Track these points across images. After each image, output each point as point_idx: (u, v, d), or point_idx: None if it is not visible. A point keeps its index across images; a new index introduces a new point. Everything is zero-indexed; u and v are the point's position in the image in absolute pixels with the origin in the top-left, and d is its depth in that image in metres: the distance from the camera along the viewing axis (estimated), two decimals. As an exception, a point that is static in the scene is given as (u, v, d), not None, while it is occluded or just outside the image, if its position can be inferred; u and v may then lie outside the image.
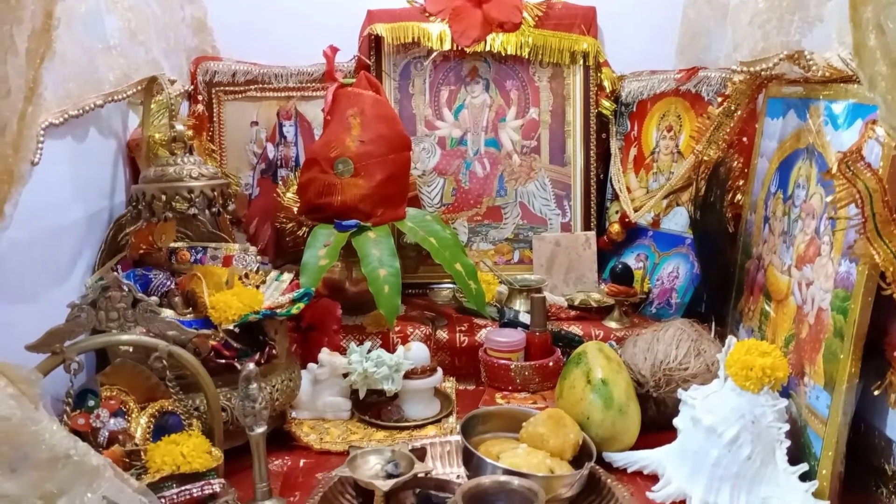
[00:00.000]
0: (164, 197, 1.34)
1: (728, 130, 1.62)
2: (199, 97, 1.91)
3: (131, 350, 1.21)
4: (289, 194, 1.87)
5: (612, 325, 1.70)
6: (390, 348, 1.55)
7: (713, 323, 1.59)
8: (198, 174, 1.36)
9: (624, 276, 1.73)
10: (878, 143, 1.03)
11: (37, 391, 0.91)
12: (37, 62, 0.94)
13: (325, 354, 1.48)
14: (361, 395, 1.46)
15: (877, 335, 1.12)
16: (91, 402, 1.12)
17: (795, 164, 1.36)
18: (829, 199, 1.09)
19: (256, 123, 1.96)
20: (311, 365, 1.48)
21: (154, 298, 1.16)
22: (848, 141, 1.15)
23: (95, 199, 1.54)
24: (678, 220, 1.82)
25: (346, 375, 1.46)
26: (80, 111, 1.34)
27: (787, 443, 1.14)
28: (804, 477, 1.13)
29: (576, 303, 1.79)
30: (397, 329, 1.65)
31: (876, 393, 1.11)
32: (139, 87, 1.54)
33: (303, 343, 1.59)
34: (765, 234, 1.47)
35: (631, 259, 1.87)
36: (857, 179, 1.01)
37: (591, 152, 1.94)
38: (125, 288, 1.12)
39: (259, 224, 1.94)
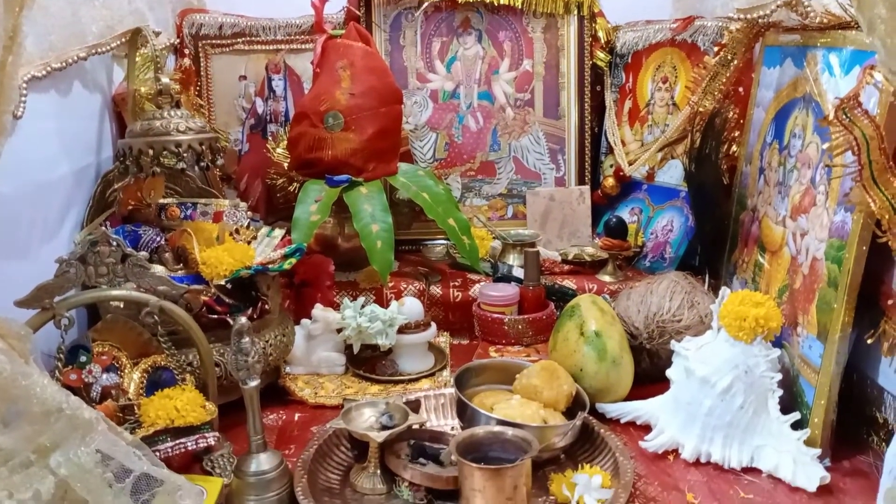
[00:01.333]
0: (151, 151, 1.32)
1: (724, 80, 1.60)
2: (186, 51, 1.87)
3: (122, 306, 1.20)
4: (279, 150, 1.84)
5: (606, 278, 1.70)
6: (384, 304, 1.55)
7: (707, 275, 1.58)
8: (185, 128, 1.34)
9: (618, 230, 1.72)
10: (875, 89, 1.02)
11: (27, 346, 0.90)
12: (16, 10, 0.90)
13: (318, 310, 1.48)
14: (356, 350, 1.47)
15: (871, 284, 1.12)
16: (83, 358, 1.12)
17: (792, 113, 1.34)
18: (825, 146, 1.08)
19: (245, 78, 1.92)
20: (304, 321, 1.48)
21: (143, 253, 1.14)
22: (845, 88, 1.13)
23: (82, 155, 1.51)
24: (673, 174, 1.81)
25: (340, 331, 1.46)
26: (64, 64, 1.30)
27: (780, 392, 1.15)
28: (796, 426, 1.14)
29: (569, 257, 1.79)
30: (391, 285, 1.65)
31: (869, 342, 1.11)
32: (123, 40, 1.50)
33: (296, 299, 1.59)
34: (760, 185, 1.46)
35: (625, 213, 1.86)
36: (853, 126, 1.00)
37: (586, 105, 1.92)
38: (114, 243, 1.11)
39: (249, 180, 1.92)
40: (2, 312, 0.89)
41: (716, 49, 1.62)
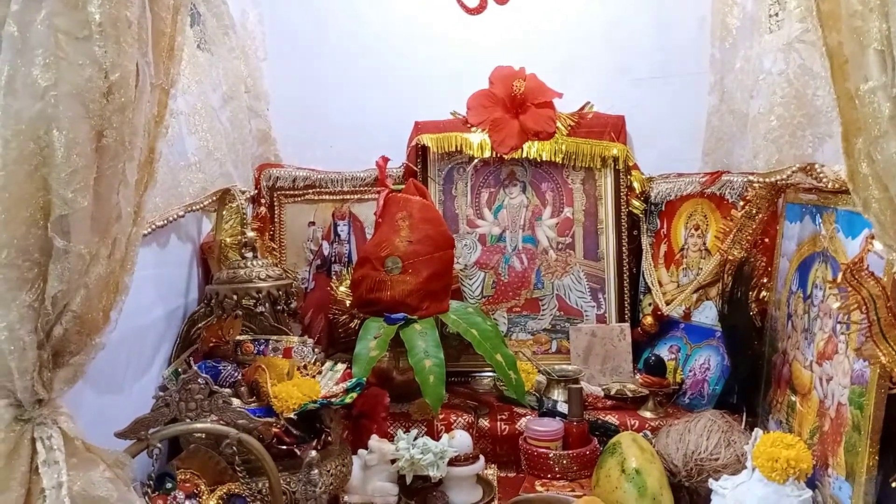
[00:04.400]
0: (235, 297, 1.50)
1: (751, 231, 1.73)
2: (262, 200, 2.10)
3: (203, 436, 1.33)
4: (342, 288, 2.01)
5: (647, 414, 1.77)
6: (435, 435, 1.65)
7: (745, 414, 1.65)
8: (265, 276, 1.52)
9: (657, 368, 1.81)
10: (877, 256, 1.13)
11: (129, 474, 1.04)
12: (142, 190, 1.11)
13: (374, 441, 1.58)
14: (408, 480, 1.55)
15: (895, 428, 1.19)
16: (169, 485, 1.24)
17: (813, 266, 1.46)
18: (835, 305, 1.19)
19: (313, 223, 2.13)
20: (361, 451, 1.58)
21: (228, 390, 1.29)
22: (856, 248, 1.25)
23: (174, 299, 1.70)
24: (708, 314, 1.90)
25: (393, 461, 1.56)
26: (165, 222, 1.51)
27: (813, 532, 1.20)
28: (830, 567, 1.18)
29: (612, 392, 1.86)
30: (441, 417, 1.75)
31: (893, 485, 1.17)
32: (214, 198, 1.73)
33: (354, 430, 1.70)
34: (788, 329, 1.55)
35: (664, 350, 1.95)
36: (861, 287, 1.11)
37: (624, 248, 2.06)
38: (202, 381, 1.26)
39: (314, 315, 2.09)
40: (99, 441, 1.02)
41: (741, 203, 1.75)
